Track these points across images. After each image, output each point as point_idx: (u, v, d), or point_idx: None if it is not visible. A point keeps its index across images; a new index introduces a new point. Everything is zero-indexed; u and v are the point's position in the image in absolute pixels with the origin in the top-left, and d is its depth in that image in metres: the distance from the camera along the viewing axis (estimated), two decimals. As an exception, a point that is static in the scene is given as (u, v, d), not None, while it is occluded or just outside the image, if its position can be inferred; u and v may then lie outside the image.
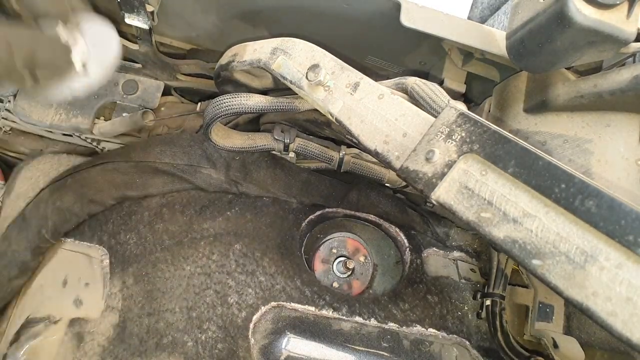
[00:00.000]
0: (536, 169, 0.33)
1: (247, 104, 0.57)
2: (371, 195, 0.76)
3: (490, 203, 0.35)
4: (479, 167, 0.36)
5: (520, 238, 0.33)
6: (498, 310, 0.68)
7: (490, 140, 0.36)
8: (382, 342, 0.63)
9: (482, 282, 0.75)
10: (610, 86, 0.43)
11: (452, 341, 0.68)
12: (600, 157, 0.46)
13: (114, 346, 0.54)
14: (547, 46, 0.40)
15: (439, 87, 0.45)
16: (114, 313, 0.56)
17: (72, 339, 0.54)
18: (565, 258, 0.31)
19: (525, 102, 0.52)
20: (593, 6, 0.36)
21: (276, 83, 0.63)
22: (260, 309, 0.61)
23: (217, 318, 0.59)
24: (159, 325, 0.56)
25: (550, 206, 0.32)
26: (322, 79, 0.46)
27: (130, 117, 0.76)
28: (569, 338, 0.66)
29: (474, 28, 0.57)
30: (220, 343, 0.58)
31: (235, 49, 0.59)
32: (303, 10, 0.61)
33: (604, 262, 0.30)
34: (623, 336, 0.29)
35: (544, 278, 0.32)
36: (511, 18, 0.43)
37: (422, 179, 0.38)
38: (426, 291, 0.70)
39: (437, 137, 0.39)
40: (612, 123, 0.46)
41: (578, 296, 0.30)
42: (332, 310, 0.63)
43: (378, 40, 0.65)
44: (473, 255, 0.78)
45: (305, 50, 0.50)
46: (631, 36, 0.37)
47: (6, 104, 0.76)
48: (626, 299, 0.29)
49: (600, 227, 0.30)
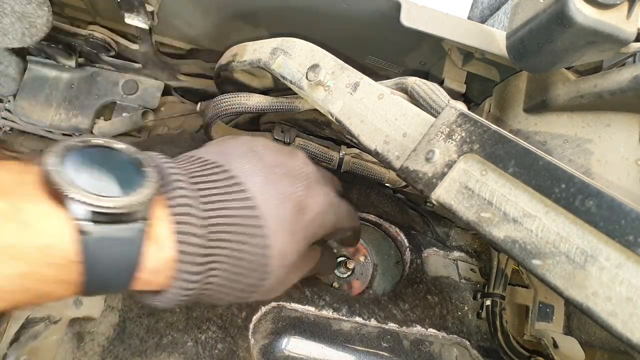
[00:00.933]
0: (536, 169, 0.33)
1: (247, 104, 0.57)
2: (371, 195, 0.76)
3: (490, 203, 0.35)
4: (479, 167, 0.36)
5: (521, 238, 0.33)
6: (498, 310, 0.68)
7: (490, 140, 0.36)
8: (382, 342, 0.63)
9: (482, 282, 0.75)
10: (611, 86, 0.43)
11: (452, 341, 0.68)
12: (601, 157, 0.46)
13: (114, 346, 0.54)
14: (547, 46, 0.40)
15: (439, 87, 0.45)
16: (114, 313, 0.56)
17: (72, 339, 0.54)
18: (565, 258, 0.31)
19: (526, 102, 0.52)
20: (593, 6, 0.36)
21: (276, 83, 0.63)
22: (260, 309, 0.61)
23: (217, 318, 0.59)
24: (159, 325, 0.56)
25: (550, 206, 0.32)
26: (322, 78, 0.46)
27: (130, 117, 0.76)
28: (569, 338, 0.66)
29: (474, 28, 0.57)
30: (220, 343, 0.57)
31: (235, 48, 0.59)
32: (303, 10, 0.61)
33: (604, 262, 0.30)
34: (623, 336, 0.29)
35: (544, 278, 0.32)
36: (511, 18, 0.43)
37: (422, 179, 0.38)
38: (426, 291, 0.70)
39: (437, 137, 0.39)
40: (613, 123, 0.46)
41: (578, 296, 0.30)
42: (332, 310, 0.63)
43: (378, 40, 0.65)
44: (473, 255, 0.78)
45: (305, 50, 0.50)
46: (631, 36, 0.37)
47: (6, 104, 0.76)
48: (626, 299, 0.29)
49: (601, 227, 0.30)
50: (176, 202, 0.34)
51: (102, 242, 0.30)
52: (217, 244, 0.35)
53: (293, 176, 0.41)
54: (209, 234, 0.35)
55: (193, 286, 0.35)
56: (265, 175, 0.39)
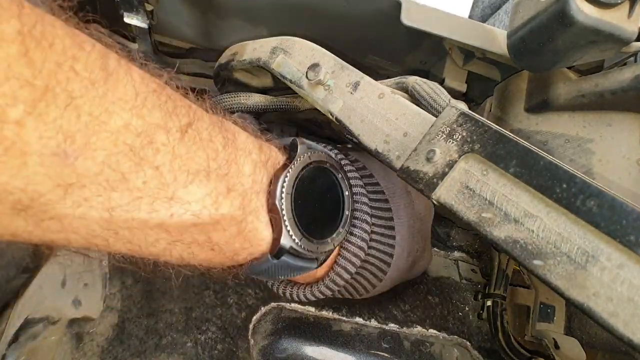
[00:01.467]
0: (537, 169, 0.33)
1: (247, 104, 0.57)
2: (371, 195, 0.76)
3: (491, 203, 0.34)
4: (480, 167, 0.36)
5: (522, 238, 0.33)
6: (499, 310, 0.68)
7: (491, 140, 0.35)
8: (383, 343, 0.63)
9: (483, 282, 0.74)
10: (612, 85, 0.43)
11: (453, 342, 0.67)
12: (602, 157, 0.45)
13: (113, 347, 0.54)
14: (548, 45, 0.40)
15: (439, 86, 0.44)
16: (113, 313, 0.56)
17: (71, 339, 0.54)
18: (566, 258, 0.31)
19: (527, 101, 0.52)
20: (594, 5, 0.36)
21: (276, 82, 0.62)
22: (260, 310, 0.61)
23: (217, 319, 0.59)
24: (158, 325, 0.56)
25: (551, 206, 0.32)
26: (322, 78, 0.46)
27: (130, 116, 0.75)
28: (570, 339, 0.65)
29: (475, 27, 0.56)
30: (219, 344, 0.57)
31: (235, 48, 0.58)
32: (303, 9, 0.61)
33: (605, 262, 0.30)
34: (624, 337, 0.28)
35: (545, 278, 0.32)
36: (512, 17, 0.43)
37: (423, 179, 0.38)
38: (427, 292, 0.70)
39: (438, 137, 0.38)
40: (614, 123, 0.46)
41: (579, 297, 0.30)
42: (332, 310, 0.63)
43: (378, 39, 0.65)
44: (474, 255, 0.77)
45: (305, 49, 0.50)
46: (632, 35, 0.37)
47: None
48: (627, 299, 0.29)
49: (602, 227, 0.30)
50: (352, 250, 0.43)
51: (281, 264, 0.36)
52: (359, 270, 0.46)
53: (422, 236, 0.51)
54: (360, 265, 0.45)
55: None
56: (408, 227, 0.48)
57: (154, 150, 0.25)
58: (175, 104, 0.28)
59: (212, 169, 0.29)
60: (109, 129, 0.23)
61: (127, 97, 0.25)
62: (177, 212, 0.27)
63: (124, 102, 0.24)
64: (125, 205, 0.25)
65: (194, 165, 0.28)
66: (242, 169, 0.32)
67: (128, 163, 0.24)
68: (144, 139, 0.25)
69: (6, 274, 0.60)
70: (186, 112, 0.29)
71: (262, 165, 0.35)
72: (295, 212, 0.35)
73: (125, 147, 0.24)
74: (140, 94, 0.25)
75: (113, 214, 0.25)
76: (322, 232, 0.39)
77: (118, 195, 0.25)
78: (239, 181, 0.31)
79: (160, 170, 0.26)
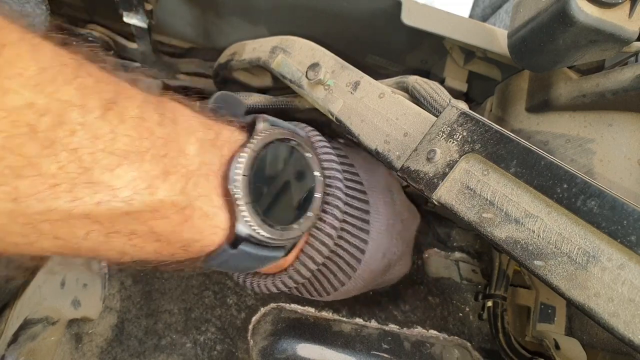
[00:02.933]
0: (538, 169, 0.33)
1: (246, 103, 0.57)
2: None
3: (492, 203, 0.34)
4: (480, 167, 0.35)
5: (522, 238, 0.33)
6: (500, 311, 0.68)
7: (492, 140, 0.35)
8: (383, 344, 0.63)
9: (484, 283, 0.74)
10: (613, 85, 0.43)
11: (453, 342, 0.67)
12: (603, 157, 0.45)
13: (112, 347, 0.54)
14: (548, 45, 0.40)
15: (440, 86, 0.44)
16: (113, 314, 0.56)
17: (70, 340, 0.54)
18: (567, 259, 0.31)
19: (527, 101, 0.52)
20: (595, 5, 0.36)
21: (276, 82, 0.62)
22: (260, 310, 0.61)
23: (216, 319, 0.59)
24: (158, 326, 0.56)
25: (552, 206, 0.32)
26: (322, 77, 0.46)
27: (130, 116, 0.75)
28: (570, 339, 0.65)
29: (475, 26, 0.56)
30: (219, 344, 0.57)
31: (235, 47, 0.58)
32: (303, 8, 0.61)
33: (606, 262, 0.30)
34: (625, 337, 0.28)
35: (546, 279, 0.32)
36: (513, 17, 0.43)
37: (424, 179, 0.38)
38: (427, 292, 0.70)
39: (438, 137, 0.38)
40: (615, 123, 0.45)
41: (580, 297, 0.30)
42: (332, 311, 0.63)
43: (378, 39, 0.65)
44: (474, 256, 0.77)
45: (305, 49, 0.50)
46: (633, 35, 0.37)
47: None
48: (628, 299, 0.28)
49: (603, 227, 0.30)
50: (320, 237, 0.40)
51: (240, 254, 0.33)
52: (326, 261, 0.42)
53: (402, 239, 0.49)
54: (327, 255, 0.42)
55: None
56: (387, 225, 0.45)
57: (68, 131, 0.23)
58: (97, 80, 0.25)
59: (145, 150, 0.26)
60: (4, 108, 0.21)
61: (28, 73, 0.22)
62: (103, 199, 0.24)
63: (25, 78, 0.21)
64: (39, 194, 0.22)
65: (120, 146, 0.25)
66: (184, 149, 0.29)
67: (34, 146, 0.21)
68: (52, 118, 0.22)
69: (5, 275, 0.59)
70: (111, 89, 0.26)
71: (211, 145, 0.31)
72: (253, 196, 0.32)
73: (27, 129, 0.21)
74: (48, 69, 0.22)
75: (22, 204, 0.22)
76: (288, 217, 0.35)
77: (27, 183, 0.22)
78: (180, 162, 0.28)
79: (78, 153, 0.23)
